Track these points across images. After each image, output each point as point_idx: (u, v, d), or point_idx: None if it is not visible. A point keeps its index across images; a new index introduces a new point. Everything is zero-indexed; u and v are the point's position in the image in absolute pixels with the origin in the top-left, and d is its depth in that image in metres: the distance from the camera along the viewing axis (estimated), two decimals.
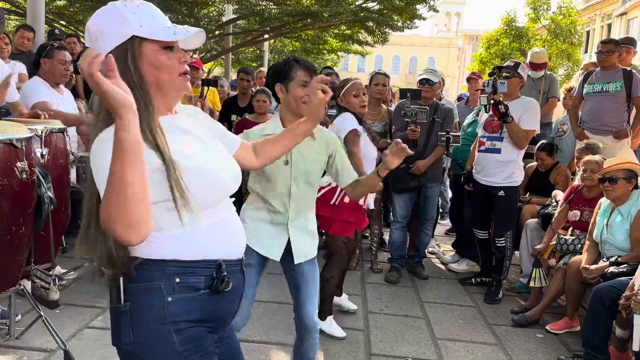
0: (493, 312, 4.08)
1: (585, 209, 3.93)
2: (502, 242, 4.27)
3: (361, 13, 13.34)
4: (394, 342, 3.43)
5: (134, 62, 1.29)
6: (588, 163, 3.87)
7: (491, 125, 4.22)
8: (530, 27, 25.12)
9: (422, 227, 4.84)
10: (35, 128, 2.99)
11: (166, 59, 1.33)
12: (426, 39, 71.15)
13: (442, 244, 5.88)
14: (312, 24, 14.09)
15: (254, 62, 21.05)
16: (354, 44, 16.92)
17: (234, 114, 5.42)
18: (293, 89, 2.31)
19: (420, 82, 4.61)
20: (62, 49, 4.00)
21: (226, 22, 14.14)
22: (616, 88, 4.82)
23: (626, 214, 3.46)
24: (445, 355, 3.31)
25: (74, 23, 14.67)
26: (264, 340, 3.31)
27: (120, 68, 1.25)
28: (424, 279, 4.69)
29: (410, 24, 14.70)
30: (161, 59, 1.32)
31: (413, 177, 4.52)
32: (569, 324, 3.72)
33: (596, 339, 3.17)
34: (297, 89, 2.31)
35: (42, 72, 3.93)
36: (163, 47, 1.32)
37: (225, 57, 15.46)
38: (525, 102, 4.17)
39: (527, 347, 3.51)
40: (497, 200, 4.21)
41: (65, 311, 3.36)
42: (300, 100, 2.32)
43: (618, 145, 4.80)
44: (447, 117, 4.63)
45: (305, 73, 2.32)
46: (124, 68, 1.27)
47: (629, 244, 3.42)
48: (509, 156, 4.14)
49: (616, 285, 3.12)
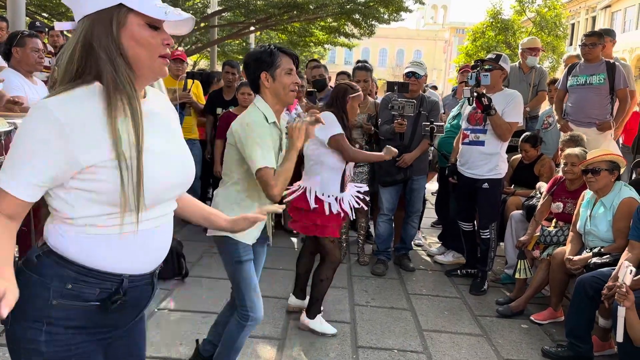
0: (478, 303, 4.11)
1: (568, 200, 3.97)
2: (487, 234, 4.30)
3: (347, 5, 13.31)
4: (380, 335, 3.44)
5: (117, 31, 1.22)
6: (569, 156, 3.90)
7: (474, 117, 4.24)
8: (516, 20, 25.21)
9: (408, 220, 4.85)
10: (14, 121, 2.94)
11: (149, 36, 1.25)
12: (413, 31, 71.14)
13: (428, 236, 5.91)
14: (298, 16, 14.03)
15: (240, 54, 20.90)
16: (341, 37, 16.87)
17: (219, 107, 5.37)
18: (280, 76, 2.33)
19: (407, 75, 4.61)
20: (34, 37, 3.86)
21: (211, 14, 14.01)
22: (599, 80, 4.86)
23: (609, 205, 3.49)
24: (431, 346, 3.33)
25: (56, 15, 14.43)
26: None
27: (101, 33, 1.21)
28: (410, 271, 4.71)
29: (396, 17, 14.68)
30: (145, 34, 1.25)
31: (399, 170, 4.53)
32: (553, 314, 3.76)
33: (579, 328, 3.21)
34: (284, 77, 2.33)
35: (15, 62, 3.76)
36: (148, 23, 1.25)
37: (210, 49, 15.33)
38: (508, 95, 4.18)
39: (512, 338, 3.54)
40: (481, 192, 4.23)
41: None
42: (288, 87, 2.34)
43: (601, 137, 4.84)
44: (433, 109, 4.64)
45: (289, 60, 2.36)
46: (106, 35, 1.21)
47: (611, 234, 3.46)
48: (492, 148, 4.16)
49: (599, 275, 3.16)
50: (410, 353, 3.23)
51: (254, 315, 2.45)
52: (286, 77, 2.33)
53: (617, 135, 5.22)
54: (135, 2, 1.22)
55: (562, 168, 3.98)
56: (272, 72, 2.33)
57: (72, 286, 1.26)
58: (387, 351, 3.23)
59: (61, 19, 14.22)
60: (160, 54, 1.29)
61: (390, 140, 4.54)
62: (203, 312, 3.53)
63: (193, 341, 2.86)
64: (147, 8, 1.23)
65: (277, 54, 2.33)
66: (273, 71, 2.33)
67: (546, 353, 3.30)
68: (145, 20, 1.25)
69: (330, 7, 12.80)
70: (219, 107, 5.37)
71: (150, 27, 1.26)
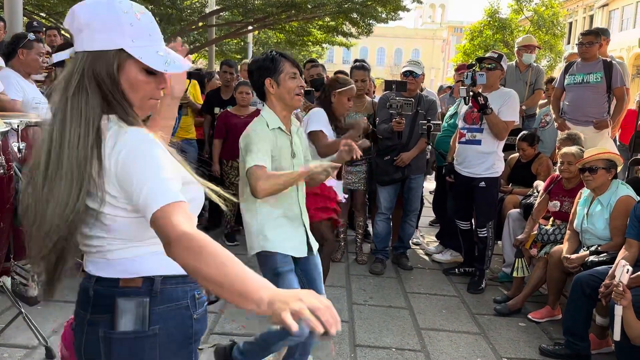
0: (476, 301, 4.11)
1: (565, 199, 3.98)
2: (484, 232, 4.30)
3: (345, 4, 13.29)
4: (378, 333, 3.45)
5: (117, 72, 1.22)
6: (565, 155, 3.90)
7: (471, 117, 4.24)
8: (514, 19, 25.20)
9: (406, 219, 4.86)
10: (11, 122, 2.93)
11: (145, 82, 1.25)
12: (411, 30, 71.15)
13: (426, 235, 5.92)
14: (296, 16, 14.01)
15: (238, 54, 20.87)
16: (339, 36, 16.86)
17: (216, 107, 5.37)
18: (284, 81, 2.34)
19: (404, 74, 4.62)
20: (40, 41, 3.92)
21: (209, 14, 13.98)
22: (597, 79, 4.87)
23: (606, 204, 3.50)
24: (429, 345, 3.34)
25: (54, 15, 14.39)
26: (247, 333, 3.30)
27: (102, 71, 1.21)
28: (408, 270, 4.72)
29: (394, 16, 14.68)
30: (140, 80, 1.25)
31: (397, 169, 4.54)
32: (550, 312, 3.77)
33: (577, 326, 3.22)
34: (288, 81, 2.34)
35: (17, 62, 3.80)
36: (146, 69, 1.24)
37: (208, 49, 15.29)
38: (504, 94, 4.19)
39: (510, 336, 3.55)
40: (479, 191, 4.24)
41: (46, 307, 3.32)
42: (293, 91, 2.35)
43: (599, 136, 4.85)
44: (431, 108, 4.64)
45: (291, 65, 2.37)
46: (106, 74, 1.21)
47: (608, 233, 3.47)
48: (489, 147, 4.17)
49: (596, 274, 3.16)
50: (408, 351, 3.23)
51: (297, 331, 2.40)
52: (290, 81, 2.34)
53: (614, 134, 5.23)
54: (138, 50, 1.22)
55: (559, 167, 3.98)
56: (275, 78, 2.34)
57: (198, 295, 1.31)
58: (385, 350, 3.23)
59: (58, 18, 14.19)
60: (152, 97, 1.29)
61: (388, 139, 4.55)
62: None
63: None
64: (149, 58, 1.22)
65: (278, 60, 2.34)
66: (277, 77, 2.34)
67: (544, 351, 3.30)
68: (144, 66, 1.24)
69: (328, 6, 12.78)
70: (217, 106, 5.37)
71: (147, 73, 1.25)
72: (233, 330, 3.34)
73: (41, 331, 2.82)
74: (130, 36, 1.21)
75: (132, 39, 1.21)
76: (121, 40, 1.20)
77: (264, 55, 2.39)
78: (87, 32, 1.21)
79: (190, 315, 1.27)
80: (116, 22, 1.20)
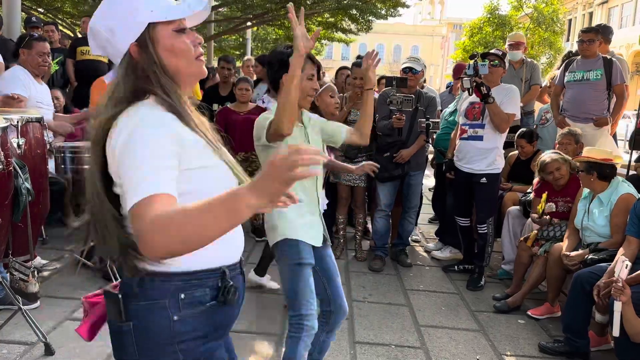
0: (475, 298, 4.12)
1: (559, 199, 3.99)
2: (484, 228, 4.30)
3: (344, 1, 13.27)
4: (378, 330, 3.45)
5: (155, 51, 1.23)
6: (549, 165, 3.87)
7: (472, 112, 4.24)
8: (513, 16, 25.16)
9: (406, 215, 4.85)
10: (11, 118, 2.92)
11: (182, 43, 1.26)
12: (410, 27, 71.02)
13: (425, 232, 5.91)
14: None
15: (237, 50, 20.84)
16: (338, 32, 16.83)
17: (215, 103, 5.36)
18: (302, 81, 2.26)
19: (404, 71, 4.60)
20: (42, 41, 3.91)
21: None
22: (596, 76, 4.86)
23: (606, 201, 3.50)
24: (428, 342, 3.34)
25: (52, 10, 14.35)
26: (247, 330, 3.30)
27: (144, 59, 1.22)
28: (407, 267, 4.72)
29: (393, 12, 14.67)
30: (177, 43, 1.25)
31: (397, 165, 4.53)
32: (550, 309, 3.77)
33: (576, 324, 3.22)
34: (305, 82, 2.30)
35: (22, 62, 3.87)
36: (176, 30, 1.25)
37: (207, 44, 15.28)
38: (505, 88, 4.21)
39: (509, 333, 3.55)
40: (479, 187, 4.23)
41: (45, 303, 3.32)
42: (306, 92, 2.32)
43: (598, 133, 4.85)
44: (430, 105, 4.63)
45: (312, 66, 2.33)
46: (148, 59, 1.22)
47: (609, 230, 3.47)
48: (491, 143, 4.17)
49: (596, 271, 3.16)
50: (407, 348, 3.23)
51: (309, 325, 2.27)
52: (307, 82, 2.31)
53: (614, 131, 5.23)
54: (160, 13, 1.23)
55: (547, 178, 3.95)
56: None
57: (184, 295, 1.25)
58: (384, 347, 3.23)
59: (56, 14, 14.16)
60: (196, 55, 1.29)
61: (388, 136, 4.54)
62: None
63: None
64: (172, 13, 1.24)
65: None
66: None
67: (543, 348, 3.30)
68: (172, 27, 1.25)
69: (328, 2, 12.77)
70: (216, 102, 5.36)
71: (178, 32, 1.26)
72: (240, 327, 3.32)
73: (40, 327, 2.81)
74: (147, 8, 1.22)
75: (150, 9, 1.22)
76: (143, 17, 1.22)
77: (288, 49, 2.30)
78: (114, 37, 1.23)
79: (167, 316, 1.22)
80: (130, 7, 1.22)
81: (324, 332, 2.52)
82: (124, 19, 1.22)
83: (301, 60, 2.10)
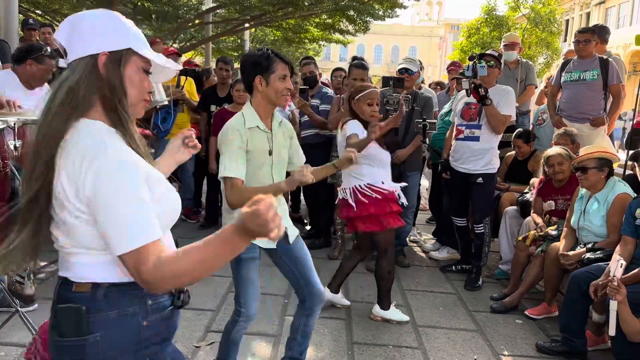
0: (473, 298, 4.12)
1: (558, 197, 4.00)
2: (481, 228, 4.31)
3: (342, 2, 13.27)
4: (375, 331, 3.45)
5: (123, 72, 1.30)
6: (553, 157, 3.91)
7: (468, 113, 4.25)
8: (510, 16, 25.19)
9: (403, 216, 4.83)
10: (7, 120, 2.92)
11: (142, 80, 1.35)
12: (408, 28, 71.12)
13: (423, 233, 5.92)
14: (293, 13, 13.99)
15: (235, 51, 20.82)
16: (336, 33, 16.82)
17: (213, 104, 5.36)
18: (274, 82, 2.35)
19: (400, 72, 4.61)
20: (52, 58, 3.82)
21: (206, 11, 13.95)
22: (593, 76, 4.88)
23: (603, 201, 3.51)
24: (426, 342, 3.34)
25: (49, 12, 14.34)
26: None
27: (111, 73, 1.28)
28: (405, 267, 4.72)
29: (391, 13, 14.66)
30: (138, 77, 1.34)
31: (393, 166, 4.52)
32: (547, 309, 3.78)
33: (573, 323, 3.23)
34: (277, 82, 2.35)
35: (21, 69, 3.74)
36: (143, 68, 1.34)
37: (205, 46, 15.28)
38: (501, 90, 4.21)
39: (507, 333, 3.55)
40: (475, 187, 4.24)
41: (43, 305, 3.32)
42: (280, 92, 2.36)
43: (595, 133, 4.87)
44: (427, 105, 4.64)
45: (284, 67, 2.37)
46: (114, 73, 1.28)
47: (605, 230, 3.48)
48: (487, 144, 4.17)
49: (593, 270, 3.17)
50: (405, 349, 3.23)
51: (245, 312, 2.50)
52: (279, 82, 2.35)
53: (610, 130, 5.24)
54: (142, 46, 1.33)
55: (549, 171, 3.98)
56: (266, 77, 2.34)
57: (151, 301, 1.32)
58: (382, 347, 3.24)
59: (55, 16, 14.14)
60: (143, 98, 1.38)
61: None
62: (197, 309, 3.53)
63: (187, 338, 2.86)
64: (151, 54, 1.34)
65: (273, 59, 2.34)
66: (268, 76, 2.34)
67: (540, 348, 3.31)
68: (143, 65, 1.34)
69: (325, 3, 12.76)
70: (213, 104, 5.36)
71: (143, 71, 1.35)
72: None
73: (37, 329, 2.80)
74: (133, 35, 1.33)
75: (135, 38, 1.33)
76: (128, 40, 1.31)
77: (259, 51, 2.38)
78: (99, 38, 1.28)
79: (137, 322, 1.28)
80: (123, 25, 1.32)
81: (303, 317, 2.64)
82: (115, 29, 1.30)
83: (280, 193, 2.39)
